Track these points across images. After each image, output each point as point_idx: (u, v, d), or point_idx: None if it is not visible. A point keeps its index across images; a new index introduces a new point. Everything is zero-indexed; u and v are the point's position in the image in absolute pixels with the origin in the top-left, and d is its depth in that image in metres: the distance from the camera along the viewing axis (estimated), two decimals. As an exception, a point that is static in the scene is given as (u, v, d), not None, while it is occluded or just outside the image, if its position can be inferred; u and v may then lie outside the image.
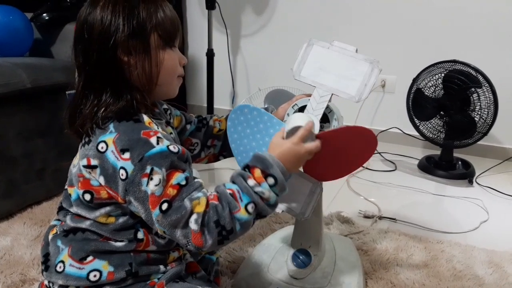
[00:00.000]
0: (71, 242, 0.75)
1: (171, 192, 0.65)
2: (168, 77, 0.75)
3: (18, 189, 1.39)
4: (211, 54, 2.27)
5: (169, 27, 0.73)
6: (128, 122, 0.69)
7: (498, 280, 1.10)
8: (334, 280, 0.97)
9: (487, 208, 1.55)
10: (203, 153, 0.97)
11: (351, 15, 2.26)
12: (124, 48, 0.69)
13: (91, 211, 0.73)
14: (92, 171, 0.70)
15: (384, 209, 1.50)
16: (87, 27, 0.70)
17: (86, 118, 0.71)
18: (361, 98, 0.84)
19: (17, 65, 1.36)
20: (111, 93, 0.70)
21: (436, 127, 1.86)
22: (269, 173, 0.69)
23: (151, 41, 0.71)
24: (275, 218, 1.37)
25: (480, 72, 1.69)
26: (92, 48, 0.69)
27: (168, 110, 0.90)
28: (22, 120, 1.38)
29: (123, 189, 0.67)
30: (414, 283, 1.07)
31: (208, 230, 0.65)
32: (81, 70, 0.72)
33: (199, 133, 0.95)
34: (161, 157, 0.66)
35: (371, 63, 0.84)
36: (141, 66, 0.71)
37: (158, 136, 0.68)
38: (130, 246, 0.74)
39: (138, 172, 0.66)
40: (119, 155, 0.67)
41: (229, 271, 1.10)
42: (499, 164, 1.98)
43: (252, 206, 0.68)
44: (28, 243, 1.22)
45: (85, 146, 0.71)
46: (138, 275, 0.74)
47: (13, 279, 1.04)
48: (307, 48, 0.88)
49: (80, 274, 0.72)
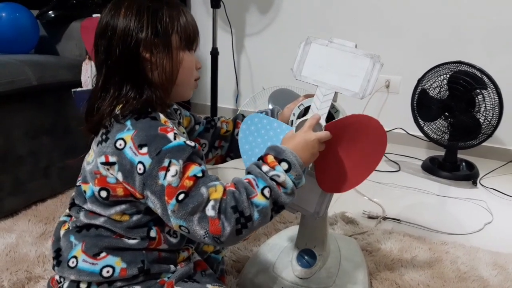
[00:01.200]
0: (84, 238, 0.76)
1: (187, 184, 0.66)
2: (186, 78, 0.78)
3: (23, 186, 1.39)
4: (216, 53, 2.27)
5: (189, 31, 0.76)
6: (145, 119, 0.71)
7: (502, 282, 1.10)
8: (339, 280, 0.97)
9: (491, 209, 1.54)
10: (211, 154, 0.98)
11: (356, 15, 2.26)
12: (147, 46, 0.72)
13: (106, 208, 0.74)
14: (111, 167, 0.71)
15: (388, 210, 1.50)
16: (111, 25, 0.72)
17: (104, 112, 0.72)
18: (365, 94, 0.83)
19: (23, 62, 1.37)
20: (131, 89, 0.72)
21: (441, 128, 1.86)
22: (282, 158, 0.71)
23: (173, 41, 0.73)
24: (280, 218, 1.37)
25: (485, 73, 1.69)
26: (115, 44, 0.71)
27: (178, 111, 0.91)
28: (27, 118, 1.38)
29: (140, 184, 0.68)
30: (418, 284, 1.07)
31: (225, 217, 0.65)
32: (102, 66, 0.74)
33: (207, 134, 0.96)
34: (178, 150, 0.67)
35: (372, 58, 0.83)
36: (161, 64, 0.73)
37: (175, 133, 0.70)
38: (143, 244, 0.75)
39: (156, 166, 0.66)
40: (137, 150, 0.68)
41: (234, 270, 1.10)
42: (503, 166, 1.97)
43: (268, 191, 0.68)
44: (33, 240, 1.22)
45: (102, 144, 0.72)
46: (150, 272, 0.75)
47: (18, 277, 1.05)
48: (305, 46, 0.87)
49: (93, 270, 0.73)
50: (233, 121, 0.98)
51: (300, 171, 0.72)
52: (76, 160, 0.84)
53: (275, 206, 0.69)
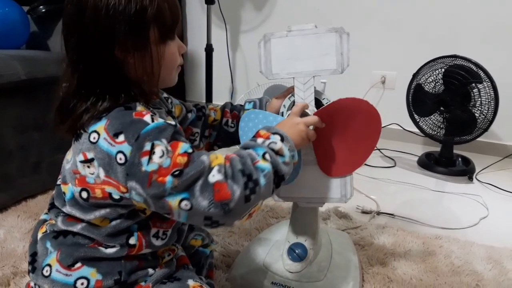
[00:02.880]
0: (60, 245, 0.71)
1: (181, 161, 0.61)
2: (169, 69, 0.73)
3: (13, 182, 1.38)
4: (210, 50, 2.25)
5: (168, 19, 0.68)
6: (118, 109, 0.66)
7: (497, 276, 1.08)
8: (330, 274, 0.96)
9: (487, 204, 1.53)
10: (202, 143, 0.95)
11: (352, 11, 2.25)
12: (122, 47, 0.64)
13: (86, 212, 0.69)
14: (91, 164, 0.65)
15: (383, 205, 1.48)
16: (79, 20, 0.64)
17: (76, 120, 0.66)
18: (344, 68, 0.82)
19: (12, 57, 1.35)
20: (106, 93, 0.66)
21: (436, 123, 1.84)
22: (273, 131, 0.71)
23: (150, 36, 0.66)
24: (272, 213, 1.36)
25: (481, 67, 1.68)
26: (86, 45, 0.64)
27: (168, 99, 0.87)
28: (17, 113, 1.36)
29: (123, 175, 0.62)
30: (411, 278, 1.05)
31: (234, 180, 0.61)
32: (74, 67, 0.67)
33: (199, 122, 0.93)
34: (159, 131, 0.62)
35: (336, 31, 0.81)
36: (140, 64, 0.66)
37: (151, 115, 0.64)
38: (122, 252, 0.70)
39: (137, 152, 0.61)
40: (113, 140, 0.62)
41: (224, 265, 1.08)
42: (499, 161, 1.96)
43: (268, 156, 0.66)
44: (21, 236, 1.20)
45: (78, 140, 0.67)
46: (127, 283, 0.71)
47: (4, 272, 1.03)
48: (265, 44, 0.85)
49: (67, 281, 0.68)
50: (221, 110, 0.95)
51: (293, 144, 0.71)
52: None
53: (275, 176, 0.66)
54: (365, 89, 2.27)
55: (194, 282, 0.74)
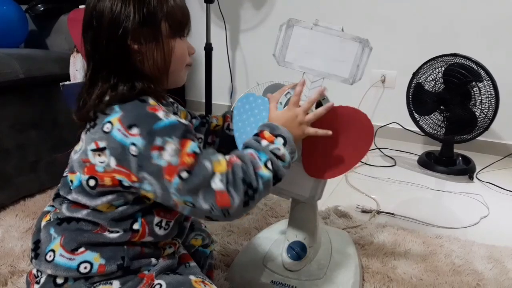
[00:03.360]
0: (64, 231, 0.72)
1: (188, 160, 0.64)
2: (178, 66, 0.75)
3: (10, 181, 1.37)
4: (209, 49, 2.24)
5: (179, 16, 0.72)
6: (132, 102, 0.68)
7: (498, 276, 1.07)
8: (330, 273, 0.95)
9: (488, 203, 1.52)
10: None
11: (351, 10, 2.24)
12: (135, 37, 0.68)
13: (92, 199, 0.71)
14: (102, 153, 0.68)
15: (383, 204, 1.47)
16: (96, 14, 0.68)
17: (91, 106, 0.70)
18: (355, 80, 0.81)
19: (10, 55, 1.34)
20: (121, 83, 0.69)
21: (436, 122, 1.84)
22: (277, 134, 0.73)
23: (162, 29, 0.70)
24: (271, 212, 1.35)
25: (481, 65, 1.67)
26: (102, 36, 0.68)
27: (174, 104, 0.88)
28: (15, 112, 1.35)
29: (136, 166, 0.65)
30: (411, 278, 1.05)
31: (235, 188, 0.65)
32: (90, 58, 0.71)
33: (203, 128, 0.95)
34: (171, 128, 0.65)
35: (360, 42, 0.80)
36: (151, 55, 0.70)
37: (164, 111, 0.67)
38: (125, 237, 0.71)
39: (148, 146, 0.64)
40: (127, 131, 0.65)
41: (223, 264, 1.08)
42: (500, 160, 1.95)
43: (270, 163, 0.69)
44: (20, 235, 1.20)
45: (90, 131, 0.70)
46: (129, 269, 0.71)
47: (1, 271, 1.03)
48: (287, 29, 0.83)
49: (70, 265, 0.69)
50: (223, 116, 0.97)
51: (294, 146, 0.74)
52: (64, 154, 0.80)
53: (274, 179, 0.70)
54: (365, 88, 2.26)
55: (196, 278, 0.75)
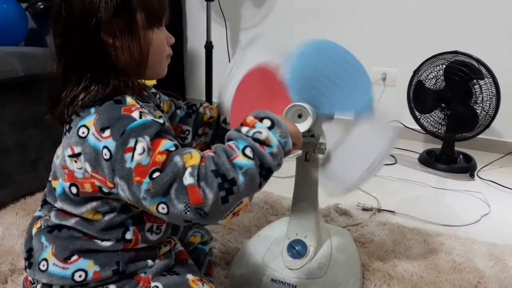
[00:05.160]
0: (55, 239, 0.70)
1: (160, 159, 0.59)
2: (157, 58, 0.71)
3: (11, 179, 1.37)
4: (210, 47, 2.24)
5: (155, 4, 0.68)
6: (108, 103, 0.65)
7: (499, 273, 1.07)
8: (331, 271, 0.95)
9: (489, 201, 1.52)
10: (194, 142, 0.93)
11: (352, 8, 2.23)
12: (108, 29, 0.64)
13: (77, 206, 0.69)
14: (78, 159, 0.65)
15: (384, 202, 1.47)
16: (66, 4, 0.64)
17: (65, 106, 0.66)
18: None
19: (10, 53, 1.34)
20: (94, 79, 0.65)
21: (437, 120, 1.83)
22: (263, 116, 0.64)
23: (137, 20, 0.66)
24: (272, 210, 1.35)
25: (483, 63, 1.66)
26: (72, 28, 0.64)
27: (157, 95, 0.85)
28: (15, 110, 1.35)
29: (109, 170, 0.61)
30: (412, 275, 1.04)
31: (206, 182, 0.57)
32: (61, 54, 0.67)
33: (189, 119, 0.91)
34: (144, 128, 0.61)
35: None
36: (127, 49, 0.65)
37: (141, 111, 0.63)
38: (118, 246, 0.70)
39: (121, 148, 0.60)
40: (99, 135, 0.62)
41: (223, 262, 1.07)
42: (501, 158, 1.95)
43: (250, 150, 0.60)
44: (20, 233, 1.20)
45: (66, 135, 0.67)
46: (125, 273, 0.70)
47: (2, 269, 1.03)
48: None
49: (64, 274, 0.68)
50: (218, 107, 0.93)
51: (287, 129, 0.65)
52: None
53: (262, 169, 0.61)
54: (365, 86, 2.25)
55: (193, 276, 0.73)
